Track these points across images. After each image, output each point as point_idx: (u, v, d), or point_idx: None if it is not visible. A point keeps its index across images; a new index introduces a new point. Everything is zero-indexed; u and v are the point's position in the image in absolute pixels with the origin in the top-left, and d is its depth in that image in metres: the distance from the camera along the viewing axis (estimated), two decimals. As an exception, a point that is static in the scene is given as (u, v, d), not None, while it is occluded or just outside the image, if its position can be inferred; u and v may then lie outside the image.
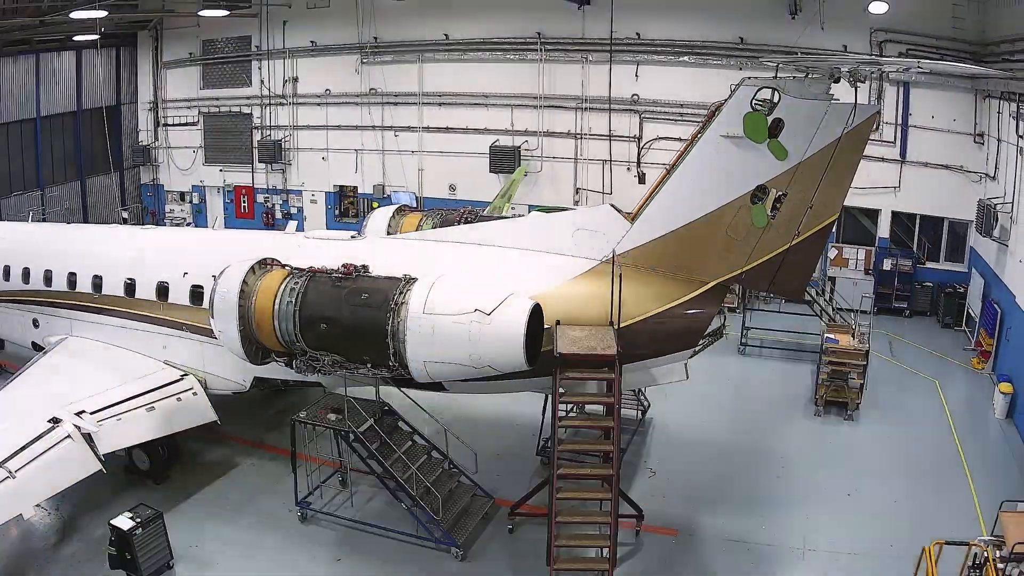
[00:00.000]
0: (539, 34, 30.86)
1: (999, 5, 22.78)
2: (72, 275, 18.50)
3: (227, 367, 16.46)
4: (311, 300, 13.45)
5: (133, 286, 17.51)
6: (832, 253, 27.93)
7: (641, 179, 30.33)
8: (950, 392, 21.40)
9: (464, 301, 12.43)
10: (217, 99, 37.89)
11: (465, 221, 17.37)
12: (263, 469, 17.55)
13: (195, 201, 39.46)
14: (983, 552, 11.50)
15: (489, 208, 27.02)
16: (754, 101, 12.02)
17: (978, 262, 25.37)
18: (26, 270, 19.42)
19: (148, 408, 15.47)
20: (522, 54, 31.45)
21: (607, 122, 30.69)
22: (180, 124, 38.92)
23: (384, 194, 34.71)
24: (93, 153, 37.27)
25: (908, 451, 18.20)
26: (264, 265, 14.19)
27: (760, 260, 12.83)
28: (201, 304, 15.97)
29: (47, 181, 35.37)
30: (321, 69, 35.17)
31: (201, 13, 33.86)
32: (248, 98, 37.08)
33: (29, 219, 26.97)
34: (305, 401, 17.98)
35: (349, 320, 13.17)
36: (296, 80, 35.83)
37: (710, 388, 20.79)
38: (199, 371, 16.86)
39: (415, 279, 13.06)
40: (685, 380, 14.00)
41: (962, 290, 26.25)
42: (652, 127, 30.30)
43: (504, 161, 31.71)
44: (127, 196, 39.63)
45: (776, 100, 11.96)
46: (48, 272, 18.99)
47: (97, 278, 18.06)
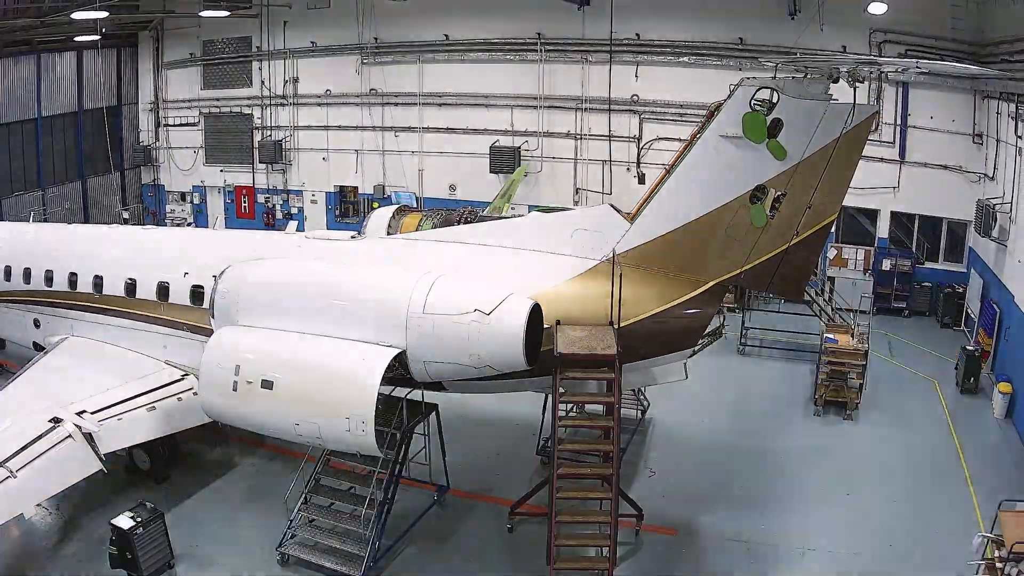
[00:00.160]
0: (539, 35, 30.91)
1: (998, 5, 22.76)
2: (73, 275, 18.50)
3: None
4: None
5: (134, 286, 17.52)
6: (831, 253, 27.96)
7: (641, 179, 30.35)
8: (949, 392, 21.40)
9: (464, 301, 12.44)
10: (218, 99, 37.96)
11: (465, 221, 17.41)
12: (263, 469, 17.57)
13: (196, 201, 39.51)
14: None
15: (489, 208, 27.09)
16: (753, 101, 12.03)
17: (977, 262, 25.39)
18: (27, 270, 19.43)
19: (149, 408, 15.46)
20: (522, 55, 31.51)
21: (607, 122, 30.74)
22: (181, 124, 38.98)
23: (384, 194, 34.75)
24: (94, 153, 37.43)
25: (907, 451, 18.22)
26: None
27: (759, 260, 12.83)
28: (202, 304, 16.00)
29: (48, 181, 35.40)
30: (321, 70, 35.25)
31: (202, 14, 33.98)
32: (249, 98, 37.14)
33: (30, 219, 26.95)
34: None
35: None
36: (296, 80, 35.89)
37: (710, 388, 20.86)
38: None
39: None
40: (684, 380, 14.00)
41: (961, 290, 26.28)
42: (652, 127, 30.36)
43: (504, 161, 31.76)
44: (128, 196, 39.69)
45: (775, 100, 11.96)
46: (49, 272, 18.99)
47: (98, 278, 18.07)
